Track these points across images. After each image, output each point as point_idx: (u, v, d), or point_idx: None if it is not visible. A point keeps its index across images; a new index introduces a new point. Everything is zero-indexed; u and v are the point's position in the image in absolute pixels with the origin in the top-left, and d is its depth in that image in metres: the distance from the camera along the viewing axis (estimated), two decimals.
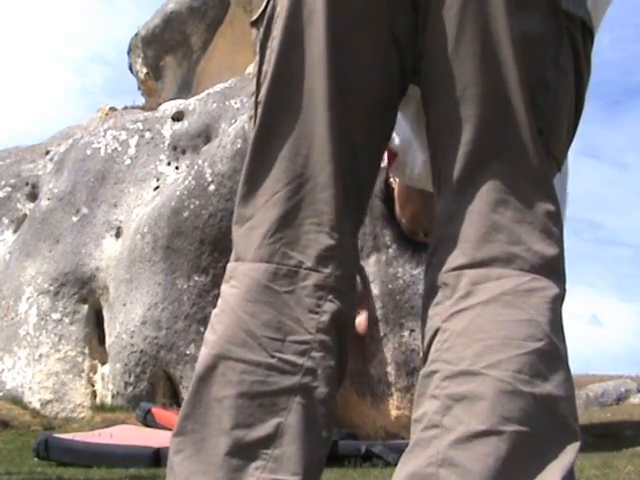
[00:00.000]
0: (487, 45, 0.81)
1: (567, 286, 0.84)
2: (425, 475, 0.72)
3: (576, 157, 0.92)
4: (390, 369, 5.36)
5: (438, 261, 0.84)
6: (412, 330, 5.31)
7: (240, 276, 0.85)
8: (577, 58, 0.85)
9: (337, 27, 0.84)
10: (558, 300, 0.80)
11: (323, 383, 0.81)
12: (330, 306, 0.83)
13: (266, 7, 0.89)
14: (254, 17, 0.91)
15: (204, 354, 0.83)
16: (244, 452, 0.77)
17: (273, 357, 0.80)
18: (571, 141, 0.90)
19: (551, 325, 0.77)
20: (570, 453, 0.73)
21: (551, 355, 0.76)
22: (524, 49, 0.81)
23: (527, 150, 0.81)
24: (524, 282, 0.79)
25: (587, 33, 0.86)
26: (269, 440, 0.77)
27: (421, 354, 0.85)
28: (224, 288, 0.87)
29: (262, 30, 0.89)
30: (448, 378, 0.76)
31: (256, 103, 0.88)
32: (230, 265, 0.88)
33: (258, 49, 0.89)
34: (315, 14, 0.84)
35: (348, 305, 0.85)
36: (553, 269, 0.81)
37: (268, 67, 0.87)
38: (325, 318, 0.82)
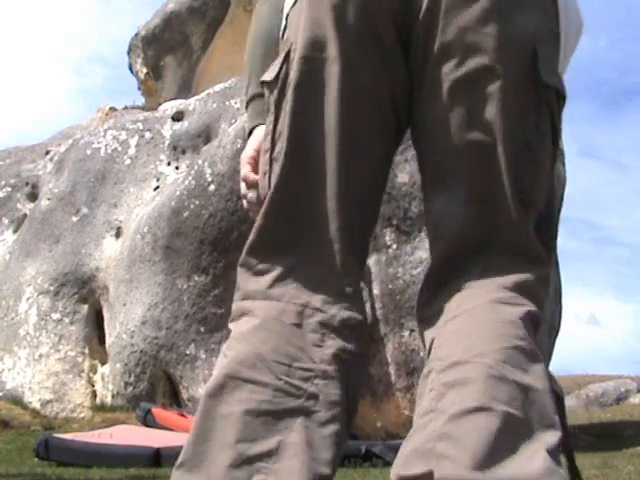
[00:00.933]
0: (476, 119, 0.92)
1: (566, 285, 0.93)
2: (425, 450, 0.77)
3: (574, 157, 0.97)
4: (390, 369, 5.36)
5: (431, 314, 0.93)
6: (412, 330, 5.31)
7: (252, 311, 0.93)
8: (553, 119, 0.97)
9: (349, 95, 0.94)
10: (536, 317, 0.89)
11: (325, 408, 0.86)
12: (333, 343, 0.90)
13: (280, 71, 0.97)
14: (267, 79, 1.00)
15: (215, 374, 0.88)
16: (245, 465, 0.80)
17: (280, 380, 0.86)
18: (548, 188, 1.00)
19: (529, 332, 0.86)
20: (553, 437, 0.78)
21: (531, 354, 0.84)
22: (511, 121, 0.92)
23: (510, 207, 0.91)
24: (508, 297, 0.89)
25: (560, 97, 0.98)
26: (270, 454, 0.81)
27: (421, 354, 0.91)
28: (235, 324, 0.94)
29: (277, 92, 0.97)
30: (442, 371, 0.84)
31: (270, 159, 0.97)
32: (238, 304, 0.96)
33: (273, 108, 0.98)
34: (328, 83, 0.94)
35: (353, 345, 0.91)
36: (533, 297, 0.91)
37: (283, 128, 0.96)
38: (328, 352, 0.89)
